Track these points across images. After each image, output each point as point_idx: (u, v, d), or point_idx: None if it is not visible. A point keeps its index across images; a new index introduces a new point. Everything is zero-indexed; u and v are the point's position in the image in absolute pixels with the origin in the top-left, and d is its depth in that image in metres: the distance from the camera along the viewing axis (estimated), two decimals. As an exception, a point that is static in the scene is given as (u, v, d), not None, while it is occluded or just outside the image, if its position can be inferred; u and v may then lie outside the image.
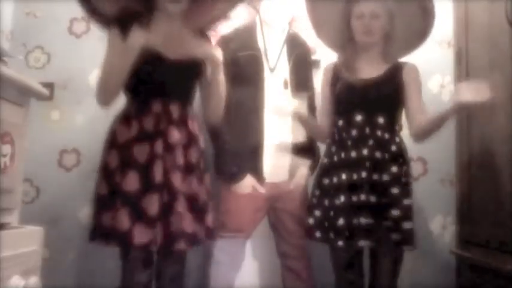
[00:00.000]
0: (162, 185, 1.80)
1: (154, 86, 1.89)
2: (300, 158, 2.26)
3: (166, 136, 1.85)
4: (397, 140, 2.01)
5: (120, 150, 1.84)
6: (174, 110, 1.89)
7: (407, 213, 1.93)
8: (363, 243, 1.91)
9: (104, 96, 1.88)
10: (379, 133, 1.97)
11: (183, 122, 1.91)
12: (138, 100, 1.89)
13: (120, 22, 1.84)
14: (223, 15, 2.08)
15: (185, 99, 1.96)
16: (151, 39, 1.81)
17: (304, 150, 2.27)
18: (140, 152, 1.81)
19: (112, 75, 1.84)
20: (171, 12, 1.91)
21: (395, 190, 1.93)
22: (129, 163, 1.81)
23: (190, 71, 1.96)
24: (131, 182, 1.78)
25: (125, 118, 1.88)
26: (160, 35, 1.88)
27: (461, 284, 2.47)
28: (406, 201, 1.94)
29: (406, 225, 1.91)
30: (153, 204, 1.77)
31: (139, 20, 1.83)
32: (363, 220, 1.89)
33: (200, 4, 2.00)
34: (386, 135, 1.98)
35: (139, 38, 1.77)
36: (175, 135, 1.87)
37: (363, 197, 1.92)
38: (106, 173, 1.84)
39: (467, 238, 2.43)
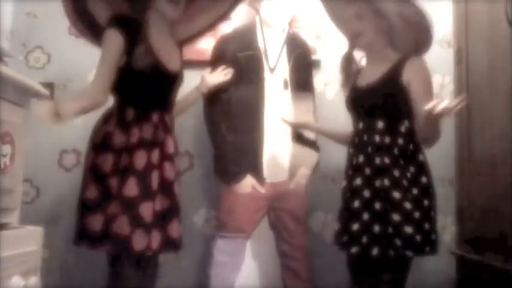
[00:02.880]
0: (156, 193, 1.85)
1: (156, 97, 1.93)
2: (302, 154, 2.26)
3: (163, 146, 1.90)
4: (401, 142, 1.90)
5: (116, 154, 1.83)
6: (168, 120, 1.96)
7: (409, 218, 1.83)
8: (354, 251, 1.87)
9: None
10: (377, 138, 1.91)
11: (172, 131, 1.97)
12: (137, 108, 1.89)
13: (120, 22, 1.85)
14: (208, 29, 2.18)
15: (172, 108, 2.02)
16: (155, 46, 1.86)
17: (305, 148, 2.28)
18: (139, 159, 1.83)
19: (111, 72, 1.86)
20: (167, 16, 1.93)
21: (396, 194, 1.84)
22: (130, 169, 1.81)
23: (179, 83, 2.03)
24: (131, 187, 1.79)
25: (122, 123, 1.87)
26: (158, 42, 1.90)
27: (461, 284, 2.47)
28: (407, 205, 1.83)
29: (408, 229, 1.82)
30: (149, 212, 1.81)
31: (139, 24, 1.86)
32: (354, 227, 1.87)
33: (189, 14, 2.04)
34: (387, 140, 1.90)
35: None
36: (172, 146, 1.94)
37: (356, 204, 1.89)
38: (97, 176, 1.83)
39: (467, 238, 2.43)
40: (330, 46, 2.54)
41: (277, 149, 2.23)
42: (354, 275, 2.02)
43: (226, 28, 2.42)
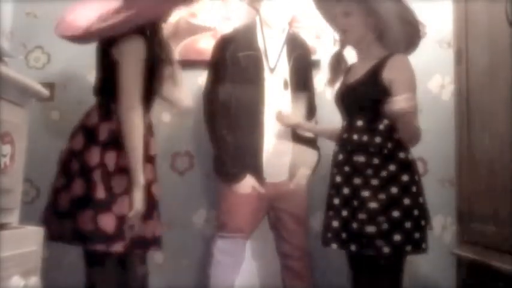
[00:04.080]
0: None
1: (152, 97, 1.98)
2: (302, 154, 2.27)
3: (149, 147, 1.94)
4: (378, 140, 1.88)
5: (119, 153, 1.84)
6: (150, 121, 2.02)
7: (373, 217, 1.81)
8: (334, 247, 1.91)
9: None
10: (355, 136, 1.92)
11: (153, 133, 2.03)
12: (143, 110, 1.89)
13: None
14: None
15: None
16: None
17: (306, 147, 2.28)
18: None
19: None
20: None
21: (365, 193, 1.84)
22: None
23: None
24: None
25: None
26: None
27: (461, 284, 2.47)
28: (372, 204, 1.81)
29: (369, 229, 1.80)
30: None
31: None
32: (334, 224, 1.90)
33: None
34: (365, 138, 1.90)
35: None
36: (154, 148, 1.98)
37: (336, 201, 1.91)
38: (105, 175, 1.82)
39: (467, 238, 2.43)
40: (330, 46, 2.54)
41: (277, 149, 2.23)
42: (352, 274, 2.02)
43: (226, 28, 2.42)
